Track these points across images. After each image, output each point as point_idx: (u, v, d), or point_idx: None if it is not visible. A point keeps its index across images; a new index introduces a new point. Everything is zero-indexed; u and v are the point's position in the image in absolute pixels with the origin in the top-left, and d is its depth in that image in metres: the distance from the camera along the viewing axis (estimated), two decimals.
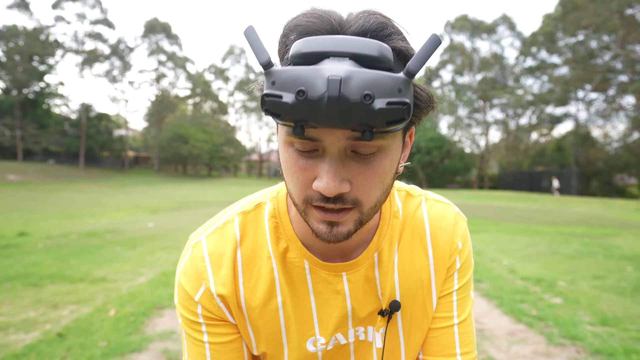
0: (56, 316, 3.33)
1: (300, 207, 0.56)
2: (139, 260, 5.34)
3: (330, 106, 0.43)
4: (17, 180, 26.71)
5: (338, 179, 0.50)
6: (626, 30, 27.52)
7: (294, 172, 0.54)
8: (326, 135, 0.49)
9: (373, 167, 0.53)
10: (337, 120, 0.45)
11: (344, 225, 0.54)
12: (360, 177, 0.52)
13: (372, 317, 0.70)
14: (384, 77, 0.44)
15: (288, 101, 0.44)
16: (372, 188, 0.54)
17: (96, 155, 44.73)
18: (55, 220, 9.42)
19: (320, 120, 0.45)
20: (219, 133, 49.44)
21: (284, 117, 0.46)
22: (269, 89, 0.46)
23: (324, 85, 0.43)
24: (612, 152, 34.43)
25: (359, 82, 0.43)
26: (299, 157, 0.53)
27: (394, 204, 0.73)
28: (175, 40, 50.76)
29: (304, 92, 0.43)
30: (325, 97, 0.43)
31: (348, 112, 0.44)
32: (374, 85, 0.43)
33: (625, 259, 5.86)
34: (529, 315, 3.48)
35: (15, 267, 4.79)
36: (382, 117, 0.44)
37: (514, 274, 4.94)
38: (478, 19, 42.48)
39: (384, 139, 0.52)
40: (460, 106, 43.75)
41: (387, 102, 0.44)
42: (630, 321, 3.35)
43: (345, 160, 0.51)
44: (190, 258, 0.67)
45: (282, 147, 0.55)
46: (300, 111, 0.45)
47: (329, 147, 0.50)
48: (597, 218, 12.15)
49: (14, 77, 37.56)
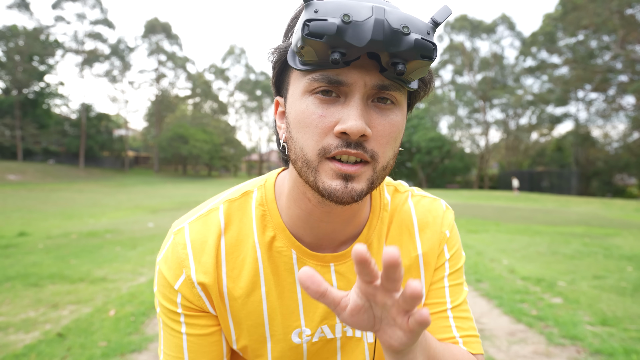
0: (56, 316, 3.33)
1: (312, 163, 0.55)
2: (139, 260, 5.34)
3: (377, 28, 0.47)
4: (17, 180, 26.70)
5: (363, 120, 0.52)
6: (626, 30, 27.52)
7: (313, 120, 0.54)
8: (355, 79, 0.52)
9: (391, 120, 0.55)
10: (380, 44, 0.48)
11: (358, 182, 0.54)
12: (379, 127, 0.55)
13: None
14: (417, 19, 0.50)
15: (335, 22, 0.47)
16: (388, 142, 0.56)
17: (96, 155, 44.72)
18: (55, 220, 9.42)
19: (365, 41, 0.47)
20: (219, 133, 49.41)
21: (327, 39, 0.48)
22: (312, 15, 0.48)
23: (369, 11, 0.48)
24: (612, 152, 34.43)
25: (398, 15, 0.49)
26: (319, 105, 0.54)
27: (384, 197, 0.73)
28: (175, 40, 50.77)
29: (349, 15, 0.47)
30: (372, 20, 0.47)
31: (390, 38, 0.48)
32: (410, 22, 0.49)
33: (625, 259, 5.85)
34: (529, 315, 3.48)
35: (15, 267, 4.79)
36: (418, 49, 0.48)
37: (514, 274, 4.94)
38: (478, 19, 42.48)
39: (402, 92, 0.55)
40: (460, 106, 43.74)
41: (421, 37, 0.49)
42: (630, 321, 3.35)
43: (367, 108, 0.54)
44: (172, 245, 0.66)
45: (298, 100, 0.56)
46: (345, 34, 0.47)
47: (354, 91, 0.53)
48: (597, 218, 12.15)
49: (14, 77, 37.56)
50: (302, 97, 0.55)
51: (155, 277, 0.68)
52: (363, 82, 0.52)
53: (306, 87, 0.54)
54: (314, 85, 0.53)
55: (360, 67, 0.52)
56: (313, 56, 0.50)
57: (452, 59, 43.87)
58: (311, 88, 0.54)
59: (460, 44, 43.25)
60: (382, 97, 0.55)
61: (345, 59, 0.50)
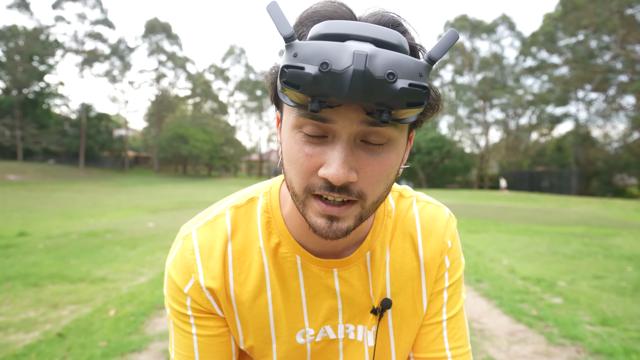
0: (56, 316, 3.33)
1: (299, 197, 0.54)
2: (139, 260, 5.34)
3: (355, 80, 0.43)
4: (17, 180, 26.70)
5: (347, 167, 0.50)
6: (626, 30, 27.52)
7: (299, 158, 0.52)
8: (340, 118, 0.49)
9: (382, 159, 0.52)
10: (360, 95, 0.44)
11: (344, 221, 0.53)
12: (368, 167, 0.52)
13: (362, 316, 0.70)
14: (407, 60, 0.45)
15: (311, 72, 0.44)
16: (379, 181, 0.53)
17: (96, 155, 44.73)
18: (55, 220, 9.42)
19: (343, 93, 0.44)
20: (219, 133, 49.42)
21: (304, 90, 0.45)
22: (290, 61, 0.45)
23: (349, 59, 0.43)
24: (612, 152, 34.43)
25: (384, 60, 0.44)
26: (305, 143, 0.52)
27: (388, 204, 0.73)
28: (175, 40, 50.77)
29: (328, 64, 0.43)
30: (351, 70, 0.43)
31: (371, 88, 0.44)
32: (397, 66, 0.44)
33: (625, 259, 5.85)
34: (529, 315, 3.48)
35: (16, 267, 4.79)
36: (403, 97, 0.44)
37: (514, 274, 4.94)
38: (478, 19, 42.50)
39: (395, 129, 0.52)
40: (460, 106, 43.73)
41: (409, 83, 0.44)
42: (630, 321, 3.35)
43: (354, 149, 0.51)
44: (180, 250, 0.67)
45: (288, 134, 0.54)
46: (322, 84, 0.44)
47: (340, 132, 0.50)
48: (597, 218, 12.15)
49: (14, 77, 37.56)
50: (291, 131, 0.53)
51: (165, 281, 0.69)
52: (349, 122, 0.49)
53: (294, 122, 0.52)
54: (300, 122, 0.51)
55: (346, 107, 0.49)
56: (295, 99, 0.48)
57: (452, 59, 43.89)
58: (298, 123, 0.52)
59: (460, 44, 43.25)
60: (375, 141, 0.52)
61: (328, 105, 0.47)
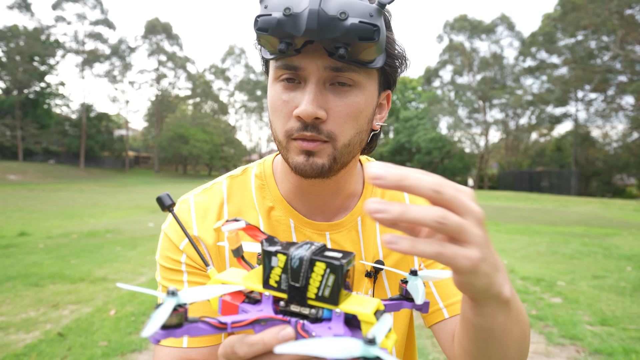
0: (57, 316, 3.33)
1: (282, 143, 0.61)
2: (139, 260, 5.34)
3: (311, 18, 0.50)
4: (17, 180, 26.69)
5: (316, 104, 0.56)
6: (625, 30, 27.51)
7: (278, 105, 0.60)
8: (307, 64, 0.56)
9: (348, 101, 0.59)
10: (316, 32, 0.51)
11: (319, 157, 0.59)
12: (336, 108, 0.58)
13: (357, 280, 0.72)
14: (358, 2, 0.52)
15: (276, 17, 0.51)
16: (346, 122, 0.59)
17: (96, 155, 44.69)
18: (56, 220, 9.43)
19: (301, 31, 0.51)
20: (219, 133, 49.37)
21: (271, 32, 0.52)
22: (262, 11, 0.53)
23: (307, 2, 0.50)
24: (611, 152, 34.40)
25: (337, 2, 0.51)
26: (282, 91, 0.59)
27: None
28: (175, 41, 50.74)
29: (290, 8, 0.51)
30: (307, 10, 0.50)
31: (325, 25, 0.50)
32: (348, 7, 0.51)
33: (625, 258, 5.86)
34: (529, 315, 3.48)
35: (16, 267, 4.80)
36: (354, 33, 0.51)
37: (513, 273, 4.94)
38: (477, 19, 42.47)
39: (358, 73, 0.58)
40: (460, 106, 43.72)
41: (359, 20, 0.51)
42: (629, 321, 3.35)
43: (323, 91, 0.58)
44: (177, 211, 0.70)
45: (270, 89, 0.62)
46: (285, 26, 0.51)
47: (309, 77, 0.57)
48: (596, 218, 12.15)
49: (14, 77, 37.54)
50: (272, 84, 0.61)
51: (159, 244, 0.72)
52: (315, 66, 0.56)
53: (273, 74, 0.61)
54: (278, 73, 0.59)
55: (312, 53, 0.56)
56: (269, 47, 0.56)
57: (452, 59, 43.85)
58: (277, 76, 0.60)
59: (460, 44, 43.24)
60: (341, 81, 0.58)
61: (294, 48, 0.54)
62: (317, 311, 0.40)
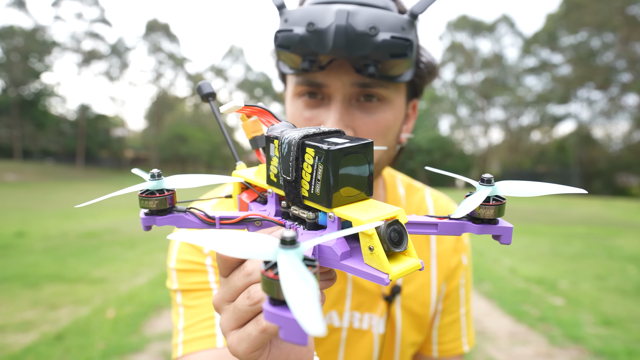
0: (54, 317, 3.30)
1: None
2: (137, 260, 5.32)
3: (338, 35, 0.46)
4: (15, 180, 26.68)
5: (342, 124, 0.52)
6: (629, 29, 27.49)
7: (300, 123, 0.55)
8: (332, 81, 0.52)
9: (377, 117, 0.55)
10: (343, 50, 0.47)
11: None
12: (364, 126, 0.54)
13: (371, 303, 0.69)
14: (388, 15, 0.48)
15: (299, 33, 0.47)
16: (375, 140, 0.55)
17: (95, 155, 44.71)
18: (54, 220, 9.40)
19: (327, 49, 0.47)
20: (219, 133, 49.42)
21: (294, 49, 0.48)
22: (282, 26, 0.49)
23: (332, 17, 0.47)
24: (614, 151, 34.38)
25: (366, 16, 0.47)
26: (305, 108, 0.56)
27: (397, 192, 0.73)
28: (174, 40, 50.77)
29: (314, 24, 0.47)
30: (333, 26, 0.46)
31: (354, 42, 0.46)
32: (379, 20, 0.47)
33: (628, 259, 5.83)
34: (531, 316, 3.45)
35: (13, 268, 4.77)
36: (386, 49, 0.47)
37: (515, 274, 4.92)
38: (478, 18, 42.49)
39: (387, 88, 0.54)
40: (461, 106, 43.72)
41: (391, 35, 0.47)
42: (632, 322, 3.32)
43: (349, 109, 0.54)
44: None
45: (290, 104, 0.58)
46: (309, 42, 0.47)
47: (334, 94, 0.53)
48: (599, 218, 12.12)
49: (11, 77, 37.55)
50: (292, 99, 0.57)
51: (173, 254, 0.66)
52: (341, 83, 0.52)
53: (293, 90, 0.56)
54: (299, 89, 0.55)
55: (337, 69, 0.51)
56: (291, 63, 0.52)
57: (453, 58, 43.85)
58: (297, 91, 0.56)
59: (461, 44, 43.23)
60: (368, 95, 0.54)
61: (318, 65, 0.50)
62: (316, 215, 0.32)
